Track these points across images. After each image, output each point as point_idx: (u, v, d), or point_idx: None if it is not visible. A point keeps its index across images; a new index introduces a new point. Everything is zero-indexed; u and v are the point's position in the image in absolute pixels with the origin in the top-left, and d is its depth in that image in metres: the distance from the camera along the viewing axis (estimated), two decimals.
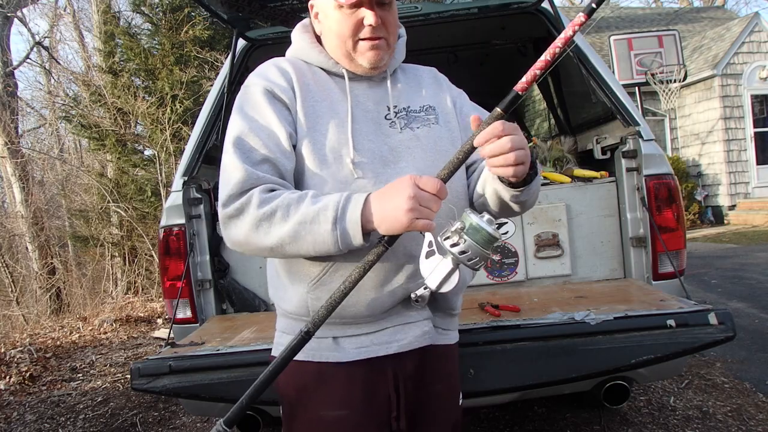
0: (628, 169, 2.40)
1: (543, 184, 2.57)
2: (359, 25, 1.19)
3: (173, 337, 2.34)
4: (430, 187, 1.01)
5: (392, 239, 1.05)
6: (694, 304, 1.82)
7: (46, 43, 15.27)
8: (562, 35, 0.97)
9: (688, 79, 11.83)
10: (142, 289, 8.74)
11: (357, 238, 1.06)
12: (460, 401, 1.36)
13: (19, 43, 46.21)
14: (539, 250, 2.49)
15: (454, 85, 1.43)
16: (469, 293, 2.32)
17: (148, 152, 9.65)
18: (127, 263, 9.29)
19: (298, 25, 1.36)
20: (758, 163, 12.01)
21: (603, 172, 2.58)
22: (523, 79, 0.99)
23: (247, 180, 1.11)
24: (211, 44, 9.29)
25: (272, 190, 1.12)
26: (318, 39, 1.31)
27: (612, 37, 10.64)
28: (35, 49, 15.06)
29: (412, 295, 1.07)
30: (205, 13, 7.57)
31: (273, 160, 1.16)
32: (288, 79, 1.24)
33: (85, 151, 13.45)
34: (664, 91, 10.56)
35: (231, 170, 1.14)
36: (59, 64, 14.71)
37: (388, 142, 1.24)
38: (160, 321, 6.55)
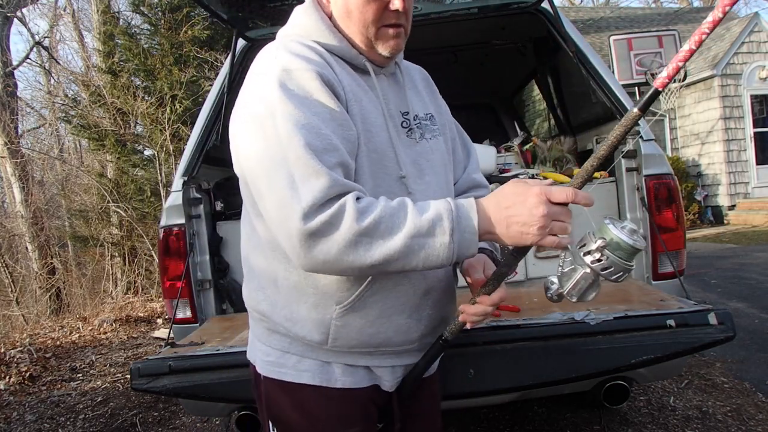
0: (628, 169, 2.40)
1: None
2: (384, 9, 1.04)
3: (173, 337, 2.33)
4: (562, 197, 0.92)
5: (522, 248, 1.00)
6: (694, 304, 1.81)
7: (46, 43, 15.27)
8: (710, 18, 0.82)
9: (688, 79, 11.84)
10: (142, 289, 8.74)
11: (473, 249, 0.95)
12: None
13: (19, 43, 46.21)
14: (539, 250, 2.48)
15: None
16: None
17: (147, 152, 9.65)
18: (127, 263, 9.30)
19: (308, 1, 1.13)
20: (758, 163, 12.00)
21: (603, 172, 2.58)
22: (664, 73, 0.90)
23: (332, 187, 0.89)
24: (210, 44, 9.29)
25: (358, 198, 0.93)
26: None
27: (612, 37, 10.66)
28: (35, 49, 15.06)
29: (550, 293, 1.06)
30: (205, 13, 7.58)
31: (347, 166, 0.96)
32: (331, 66, 1.04)
33: (85, 151, 13.46)
34: (664, 91, 10.55)
35: (306, 172, 0.89)
36: (59, 64, 14.72)
37: (409, 154, 1.11)
38: (160, 321, 6.55)
